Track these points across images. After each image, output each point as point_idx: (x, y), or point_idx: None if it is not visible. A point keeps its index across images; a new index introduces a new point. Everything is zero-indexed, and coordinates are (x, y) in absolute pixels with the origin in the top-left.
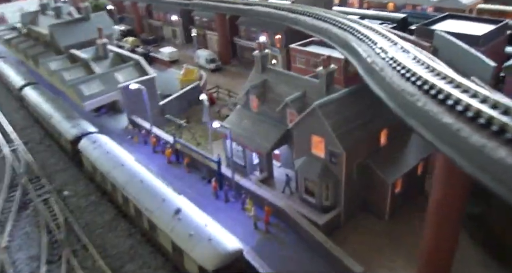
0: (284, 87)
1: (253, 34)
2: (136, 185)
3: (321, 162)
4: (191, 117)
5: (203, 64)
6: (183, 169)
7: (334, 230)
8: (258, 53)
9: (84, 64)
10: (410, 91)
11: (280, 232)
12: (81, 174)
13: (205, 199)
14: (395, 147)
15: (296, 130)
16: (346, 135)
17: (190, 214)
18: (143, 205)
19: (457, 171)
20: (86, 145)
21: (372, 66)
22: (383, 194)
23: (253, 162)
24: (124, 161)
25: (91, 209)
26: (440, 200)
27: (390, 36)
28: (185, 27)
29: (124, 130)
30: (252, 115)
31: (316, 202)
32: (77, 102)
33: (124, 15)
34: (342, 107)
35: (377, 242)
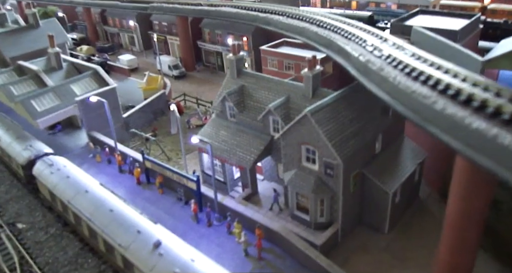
0: (264, 93)
1: (218, 37)
2: (105, 215)
3: (314, 175)
4: (158, 129)
5: (165, 71)
6: (155, 191)
7: (331, 249)
8: (232, 56)
9: (34, 77)
10: (423, 92)
11: (276, 258)
12: (38, 202)
13: (184, 224)
14: (390, 154)
15: (285, 140)
16: (343, 144)
17: (172, 247)
18: (114, 239)
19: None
20: (41, 169)
21: (368, 65)
22: (383, 206)
23: (233, 177)
24: (87, 186)
25: (52, 244)
26: (461, 213)
27: (377, 33)
28: (144, 33)
29: (83, 149)
30: (229, 126)
31: (310, 219)
32: (29, 120)
33: (75, 22)
34: (335, 113)
35: (381, 259)
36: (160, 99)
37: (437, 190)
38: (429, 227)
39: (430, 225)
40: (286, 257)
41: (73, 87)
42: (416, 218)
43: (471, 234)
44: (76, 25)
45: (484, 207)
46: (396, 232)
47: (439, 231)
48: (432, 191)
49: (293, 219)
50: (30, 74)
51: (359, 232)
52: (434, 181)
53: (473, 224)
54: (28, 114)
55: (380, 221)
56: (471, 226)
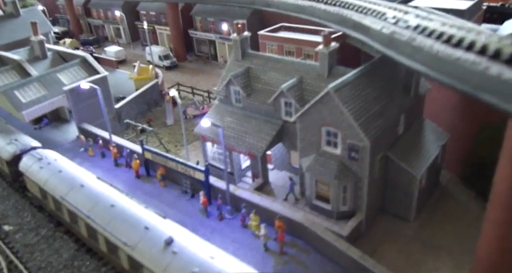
0: (274, 74)
1: (211, 25)
2: (106, 211)
3: (336, 159)
4: (154, 121)
5: (156, 61)
6: (156, 184)
7: (356, 240)
8: (236, 36)
9: (17, 67)
10: (471, 59)
11: (299, 252)
12: (25, 201)
13: (192, 219)
14: (412, 136)
15: (302, 122)
16: (369, 124)
17: (186, 244)
18: (119, 237)
19: None
20: (29, 164)
21: (394, 37)
22: (410, 191)
23: (241, 167)
24: (83, 181)
25: (43, 246)
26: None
27: (394, 6)
28: (130, 24)
29: (74, 143)
30: (235, 111)
31: (332, 208)
32: (12, 112)
33: (56, 16)
34: (359, 91)
35: (411, 249)
36: (153, 90)
37: (457, 174)
38: (454, 212)
39: (456, 210)
40: (311, 250)
41: (60, 76)
42: (440, 204)
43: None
44: (57, 19)
45: None
46: (421, 219)
47: (466, 216)
48: (452, 176)
49: (311, 210)
50: (11, 65)
51: (382, 220)
52: (454, 165)
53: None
54: (12, 106)
55: (405, 208)
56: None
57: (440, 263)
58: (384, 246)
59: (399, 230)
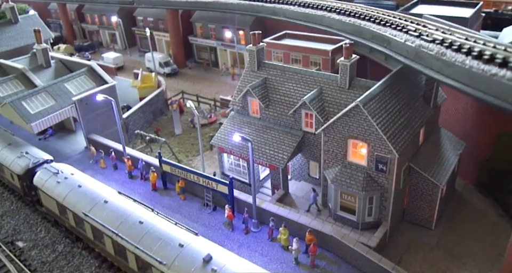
0: (292, 85)
1: (212, 31)
2: (135, 228)
3: (362, 171)
4: (161, 130)
5: (156, 68)
6: (175, 197)
7: (381, 250)
8: (252, 46)
9: (20, 76)
10: (507, 75)
11: (330, 265)
12: (37, 215)
13: (217, 233)
14: (431, 145)
15: (327, 135)
16: (397, 136)
17: (225, 262)
18: (153, 255)
19: None
20: (44, 179)
21: (421, 51)
22: (432, 200)
23: (259, 178)
24: (105, 196)
25: (62, 263)
26: None
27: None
28: (127, 29)
29: (82, 154)
30: (253, 122)
31: (357, 219)
32: (20, 124)
33: (48, 20)
34: (385, 104)
35: (435, 257)
36: (159, 98)
37: (472, 181)
38: (474, 220)
39: (474, 218)
40: (341, 262)
41: (68, 86)
42: (458, 212)
43: None
44: (49, 24)
45: None
46: (442, 227)
47: (485, 223)
48: (467, 183)
49: (335, 220)
50: (14, 74)
51: (404, 229)
52: (469, 172)
53: None
54: (20, 117)
55: (426, 217)
56: None
57: (466, 270)
58: (408, 255)
59: (422, 239)
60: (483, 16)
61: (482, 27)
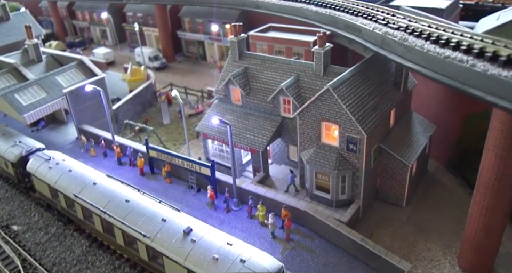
0: (271, 74)
1: (199, 26)
2: (122, 206)
3: (335, 151)
4: (150, 120)
5: (146, 62)
6: (162, 181)
7: (354, 226)
8: (233, 37)
9: (12, 71)
10: (458, 57)
11: (304, 238)
12: (31, 201)
13: (200, 212)
14: (402, 128)
15: (302, 118)
16: (365, 118)
17: (203, 233)
18: (138, 230)
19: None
20: (37, 165)
21: (386, 37)
22: (401, 180)
23: (242, 162)
24: (94, 179)
25: (55, 244)
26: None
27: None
28: (117, 25)
29: (73, 144)
30: (235, 109)
31: (331, 197)
32: (13, 115)
33: (39, 18)
34: (355, 88)
35: (404, 232)
36: (147, 91)
37: (443, 163)
38: (443, 198)
39: (444, 196)
40: (314, 236)
41: (59, 79)
42: (429, 191)
43: (505, 193)
44: (40, 21)
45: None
46: (413, 205)
47: (454, 201)
48: (439, 164)
49: (312, 199)
50: (7, 68)
51: (377, 207)
52: (440, 154)
53: (508, 182)
54: (13, 109)
55: (397, 195)
56: (506, 185)
57: (432, 244)
58: (380, 230)
59: (393, 215)
60: (461, 7)
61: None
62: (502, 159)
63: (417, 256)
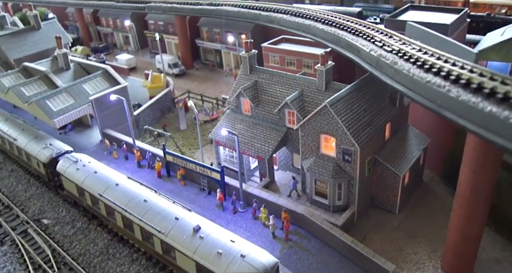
0: (278, 88)
1: (216, 35)
2: (140, 205)
3: (332, 161)
4: (168, 126)
5: (166, 69)
6: (177, 183)
7: (349, 230)
8: (245, 53)
9: (43, 78)
10: (437, 82)
11: (302, 239)
12: (59, 198)
13: (210, 212)
14: (398, 140)
15: (304, 130)
16: (359, 132)
17: (210, 231)
18: (154, 226)
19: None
20: (66, 166)
21: (380, 60)
22: (394, 188)
23: (250, 167)
24: (116, 180)
25: (80, 237)
26: (471, 186)
27: (381, 29)
28: (139, 32)
29: (97, 147)
30: (245, 119)
31: (328, 203)
32: (44, 120)
33: (66, 23)
34: (351, 104)
35: (395, 237)
36: (166, 97)
37: (438, 173)
38: (435, 207)
39: (436, 205)
40: (311, 237)
41: (85, 87)
42: (422, 199)
43: (480, 205)
44: (66, 26)
45: (491, 180)
46: (406, 212)
47: (444, 210)
48: (434, 175)
49: (311, 204)
50: (38, 76)
51: (372, 213)
52: (435, 165)
53: (482, 195)
54: (44, 114)
55: (391, 203)
56: (480, 197)
57: (419, 248)
58: (372, 234)
59: (386, 222)
60: (468, 21)
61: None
62: (476, 174)
63: (404, 259)
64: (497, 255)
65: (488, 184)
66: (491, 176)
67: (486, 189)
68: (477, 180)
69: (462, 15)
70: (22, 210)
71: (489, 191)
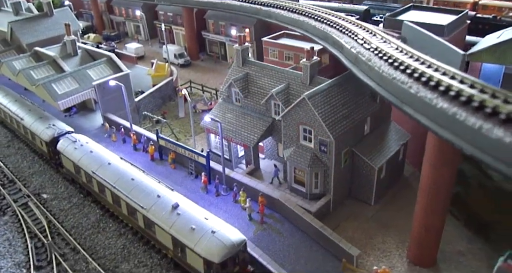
0: (267, 80)
1: (222, 28)
2: (128, 183)
3: (310, 151)
4: (167, 113)
5: (172, 59)
6: (168, 166)
7: (324, 217)
8: (238, 46)
9: (52, 62)
10: (402, 79)
11: (276, 222)
12: (59, 176)
13: (195, 194)
14: (377, 135)
15: (285, 121)
16: (335, 124)
17: (187, 209)
18: (138, 202)
19: (447, 153)
20: (65, 145)
21: (358, 56)
22: (370, 180)
23: (238, 155)
24: (109, 159)
25: (75, 211)
26: (430, 181)
27: (368, 27)
28: (149, 22)
29: (99, 130)
30: (235, 109)
31: (306, 190)
32: (50, 102)
33: (81, 10)
34: (329, 98)
35: (367, 226)
36: (168, 86)
37: (418, 168)
38: (410, 200)
39: (412, 198)
40: (284, 221)
41: (90, 72)
42: (400, 192)
43: (440, 198)
44: (81, 14)
45: (450, 174)
46: (381, 204)
47: None
48: (415, 170)
49: (291, 191)
50: (47, 60)
51: (348, 203)
52: (417, 161)
53: (442, 189)
54: (49, 96)
55: (367, 194)
56: (440, 190)
57: (389, 238)
58: (346, 223)
59: (361, 211)
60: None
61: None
62: (436, 169)
63: (372, 247)
64: (462, 248)
65: (447, 179)
66: (450, 172)
67: (445, 183)
68: (436, 175)
69: (461, 17)
70: (24, 185)
71: (449, 185)
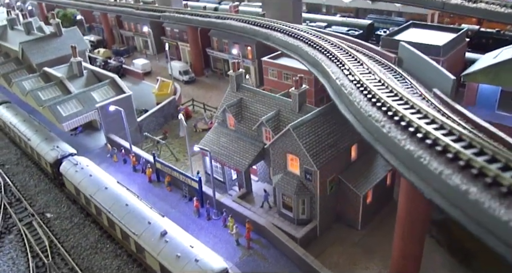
0: (259, 106)
1: (225, 45)
2: (122, 208)
3: (297, 179)
4: (169, 132)
5: (176, 76)
6: (164, 188)
7: (310, 242)
8: (233, 72)
9: (59, 83)
10: (376, 117)
11: (262, 248)
12: (63, 195)
13: (187, 218)
14: (364, 161)
15: (273, 149)
16: (320, 154)
17: (175, 236)
18: (129, 228)
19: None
20: (67, 167)
21: (341, 88)
22: (356, 206)
23: (231, 177)
24: (107, 184)
25: (76, 231)
26: (406, 213)
27: (357, 56)
28: (157, 38)
29: (102, 149)
30: (229, 133)
31: (293, 216)
32: (55, 123)
33: (93, 24)
34: (315, 128)
35: (352, 252)
36: (171, 105)
37: None
38: None
39: None
40: (270, 247)
41: (94, 94)
42: (388, 217)
43: (416, 228)
44: (93, 27)
45: (426, 207)
46: (368, 229)
47: None
48: None
49: (280, 216)
50: (55, 81)
51: (336, 228)
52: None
53: (417, 220)
54: (55, 118)
55: (353, 219)
56: (416, 222)
57: (372, 264)
58: (332, 248)
59: (348, 236)
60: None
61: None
62: (411, 201)
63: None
64: None
65: (422, 211)
66: (425, 204)
67: (420, 215)
68: (411, 207)
69: (459, 35)
70: (30, 203)
71: (425, 216)
